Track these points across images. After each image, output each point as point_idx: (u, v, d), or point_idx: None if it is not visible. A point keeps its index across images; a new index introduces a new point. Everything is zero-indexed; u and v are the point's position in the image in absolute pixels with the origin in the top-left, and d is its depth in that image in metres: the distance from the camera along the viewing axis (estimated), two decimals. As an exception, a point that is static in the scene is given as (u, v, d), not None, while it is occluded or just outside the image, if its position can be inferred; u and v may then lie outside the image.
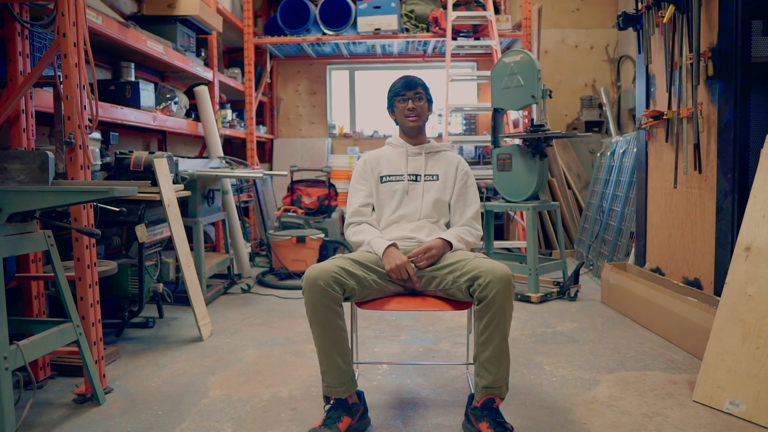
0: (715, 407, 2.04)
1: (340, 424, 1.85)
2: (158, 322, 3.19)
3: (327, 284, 1.82)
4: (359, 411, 1.93)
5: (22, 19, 2.26)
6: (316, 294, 1.81)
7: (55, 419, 2.01)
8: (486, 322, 1.81)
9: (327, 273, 1.83)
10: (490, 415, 1.82)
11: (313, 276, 1.83)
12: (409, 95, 2.21)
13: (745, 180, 2.57)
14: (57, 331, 1.97)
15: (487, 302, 1.79)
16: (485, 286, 1.79)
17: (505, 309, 1.80)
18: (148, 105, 3.38)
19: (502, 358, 1.83)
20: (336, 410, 1.88)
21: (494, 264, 1.85)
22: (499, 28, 5.18)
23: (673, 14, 2.85)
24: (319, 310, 1.82)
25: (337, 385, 1.87)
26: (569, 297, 3.64)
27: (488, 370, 1.83)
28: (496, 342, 1.81)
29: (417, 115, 2.21)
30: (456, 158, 2.30)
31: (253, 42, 5.32)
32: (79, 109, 2.12)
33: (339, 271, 1.87)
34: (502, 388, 1.84)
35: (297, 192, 5.13)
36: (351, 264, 1.94)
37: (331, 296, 1.82)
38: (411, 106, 2.20)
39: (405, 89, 2.21)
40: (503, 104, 3.87)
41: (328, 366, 1.87)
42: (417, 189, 2.22)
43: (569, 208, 5.37)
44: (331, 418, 1.86)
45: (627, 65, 5.90)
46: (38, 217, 1.99)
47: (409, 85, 2.21)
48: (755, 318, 2.04)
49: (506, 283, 1.79)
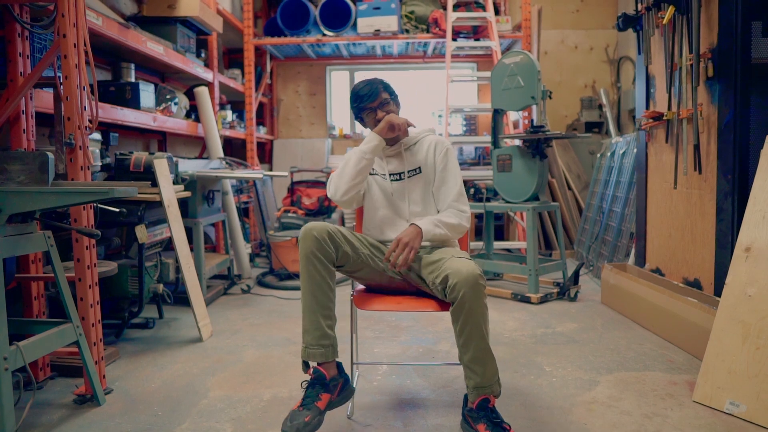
0: (715, 408, 2.04)
1: (319, 403, 1.80)
2: (158, 322, 3.19)
3: (321, 237, 1.85)
4: (338, 384, 1.87)
5: (23, 20, 2.26)
6: (309, 242, 1.84)
7: (55, 420, 2.01)
8: (461, 325, 1.78)
9: (323, 228, 1.88)
10: (486, 415, 1.80)
11: (310, 227, 1.88)
12: (375, 105, 2.08)
13: (745, 181, 2.57)
14: (57, 332, 1.97)
15: (457, 304, 1.76)
16: (453, 288, 1.75)
17: (474, 309, 1.75)
18: (148, 106, 3.38)
19: (485, 357, 1.81)
20: (313, 388, 1.83)
21: (462, 264, 1.78)
22: (499, 29, 5.19)
23: (672, 15, 2.85)
24: (311, 260, 1.84)
25: (316, 345, 1.83)
26: (569, 297, 3.64)
27: (474, 371, 1.81)
28: (476, 342, 1.78)
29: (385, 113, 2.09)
30: (433, 141, 2.17)
31: (253, 43, 5.32)
32: (79, 110, 2.13)
33: (336, 231, 1.91)
34: (494, 386, 1.82)
35: (297, 193, 5.13)
36: (350, 233, 1.97)
37: (323, 250, 1.85)
38: (380, 116, 2.08)
39: (369, 101, 2.07)
40: (503, 105, 3.87)
41: (310, 324, 1.84)
42: (402, 188, 2.13)
43: (569, 208, 5.37)
44: (309, 397, 1.81)
45: (627, 66, 5.91)
46: (38, 218, 1.99)
47: (372, 94, 2.07)
48: (755, 318, 2.04)
49: (472, 283, 1.73)
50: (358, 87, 2.10)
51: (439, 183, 2.12)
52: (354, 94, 2.10)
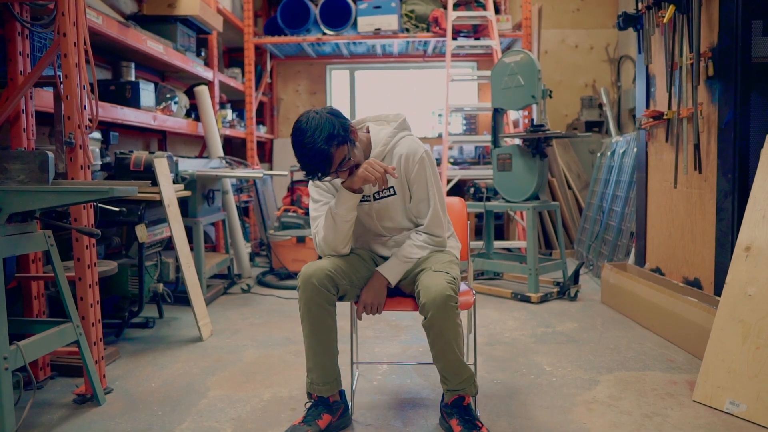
0: (715, 407, 2.04)
1: (320, 422, 1.87)
2: (158, 322, 3.19)
3: (321, 284, 1.81)
4: (340, 409, 1.94)
5: (23, 19, 2.26)
6: (310, 292, 1.82)
7: (55, 419, 2.01)
8: (432, 340, 1.79)
9: (323, 273, 1.82)
10: (459, 412, 1.84)
11: (308, 274, 1.82)
12: (332, 171, 1.78)
13: (745, 180, 2.57)
14: (57, 332, 1.97)
15: (426, 322, 1.76)
16: (422, 307, 1.74)
17: (444, 329, 1.73)
18: (148, 105, 3.38)
19: (457, 368, 1.81)
20: (317, 408, 1.90)
21: (434, 280, 1.73)
22: (499, 28, 5.18)
23: (673, 14, 2.85)
24: (311, 308, 1.83)
25: (321, 383, 1.90)
26: (569, 297, 3.64)
27: (447, 378, 1.84)
28: (446, 356, 1.79)
29: (347, 170, 1.82)
30: (404, 151, 1.88)
31: (253, 42, 5.32)
32: (79, 109, 2.13)
33: (335, 269, 1.85)
34: (468, 388, 1.84)
35: (297, 192, 5.13)
36: (347, 263, 1.90)
37: (324, 296, 1.82)
38: (336, 177, 1.85)
39: (323, 173, 1.78)
40: (503, 104, 3.87)
41: (314, 364, 1.89)
42: (374, 210, 1.95)
43: (569, 208, 5.37)
44: (311, 415, 1.89)
45: (627, 65, 5.90)
46: (38, 217, 1.99)
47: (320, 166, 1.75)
48: (755, 318, 2.04)
49: (440, 304, 1.69)
50: (302, 160, 1.75)
51: (415, 200, 1.92)
52: (302, 164, 1.77)
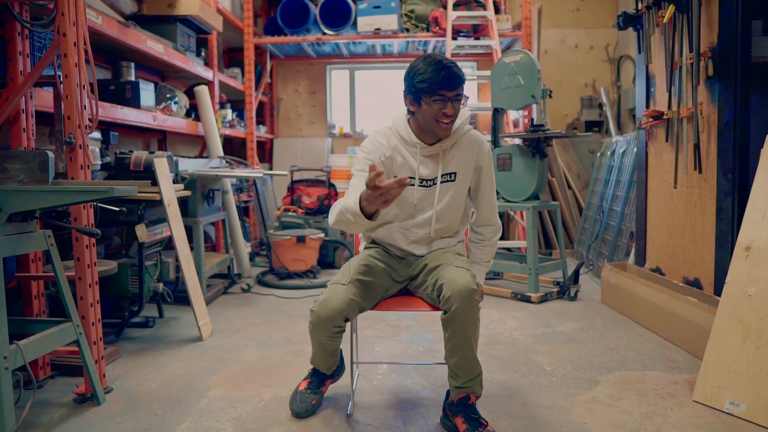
0: (715, 407, 2.04)
1: (323, 388, 2.13)
2: (158, 321, 3.19)
3: (336, 325, 1.86)
4: (339, 371, 2.19)
5: (22, 19, 2.26)
6: (321, 332, 1.90)
7: (55, 419, 2.01)
8: (450, 334, 1.79)
9: (340, 313, 1.83)
10: (464, 411, 1.85)
11: (323, 316, 1.84)
12: (450, 96, 1.74)
13: (745, 180, 2.57)
14: (57, 331, 1.97)
15: (449, 315, 1.76)
16: (447, 300, 1.74)
17: (466, 322, 1.74)
18: (148, 105, 3.37)
19: (470, 365, 1.82)
20: (318, 375, 2.12)
21: (458, 275, 1.75)
22: (499, 28, 5.18)
23: (673, 14, 2.85)
24: (323, 339, 1.94)
25: (324, 368, 2.11)
26: (569, 297, 3.64)
27: (458, 374, 1.84)
28: (462, 351, 1.79)
29: (453, 121, 1.80)
30: (474, 140, 1.91)
31: (253, 42, 5.32)
32: (79, 109, 2.12)
33: (353, 305, 1.85)
34: (476, 388, 1.85)
35: (297, 192, 5.13)
36: (362, 290, 1.89)
37: (335, 331, 1.90)
38: (450, 111, 1.76)
39: (445, 88, 1.72)
40: (503, 104, 3.87)
41: (319, 358, 2.07)
42: (429, 197, 1.92)
43: (569, 208, 5.37)
44: (314, 383, 2.09)
45: (627, 65, 5.90)
46: (38, 217, 1.99)
47: (453, 83, 1.73)
48: (755, 318, 2.04)
49: (466, 297, 1.71)
50: (442, 67, 1.72)
51: (482, 190, 1.99)
52: (431, 71, 1.72)
